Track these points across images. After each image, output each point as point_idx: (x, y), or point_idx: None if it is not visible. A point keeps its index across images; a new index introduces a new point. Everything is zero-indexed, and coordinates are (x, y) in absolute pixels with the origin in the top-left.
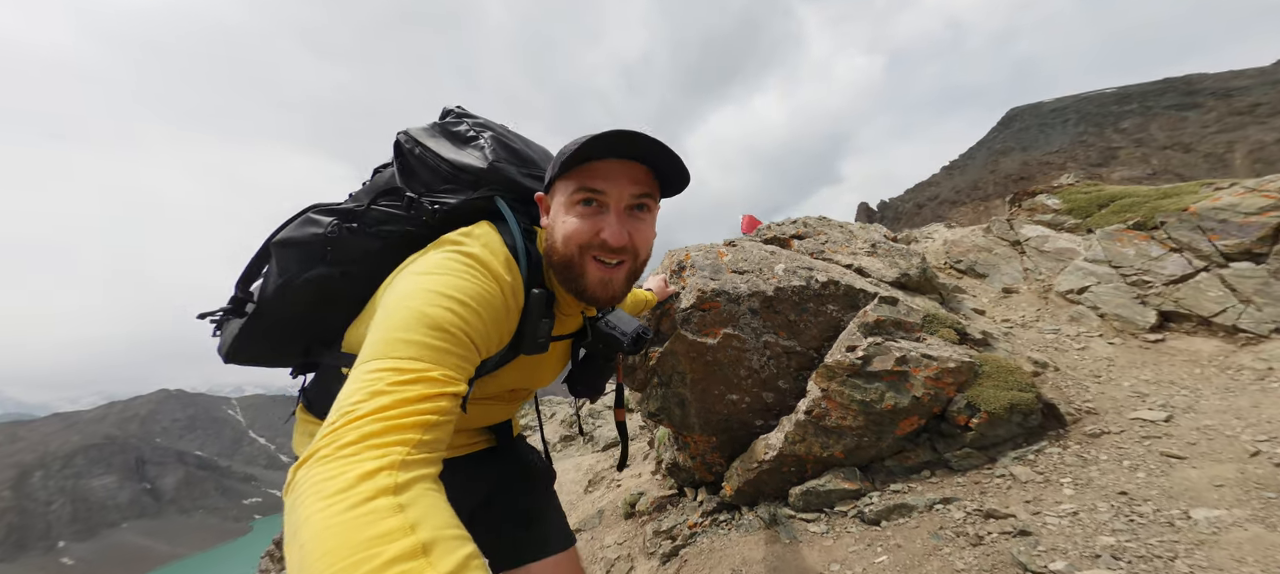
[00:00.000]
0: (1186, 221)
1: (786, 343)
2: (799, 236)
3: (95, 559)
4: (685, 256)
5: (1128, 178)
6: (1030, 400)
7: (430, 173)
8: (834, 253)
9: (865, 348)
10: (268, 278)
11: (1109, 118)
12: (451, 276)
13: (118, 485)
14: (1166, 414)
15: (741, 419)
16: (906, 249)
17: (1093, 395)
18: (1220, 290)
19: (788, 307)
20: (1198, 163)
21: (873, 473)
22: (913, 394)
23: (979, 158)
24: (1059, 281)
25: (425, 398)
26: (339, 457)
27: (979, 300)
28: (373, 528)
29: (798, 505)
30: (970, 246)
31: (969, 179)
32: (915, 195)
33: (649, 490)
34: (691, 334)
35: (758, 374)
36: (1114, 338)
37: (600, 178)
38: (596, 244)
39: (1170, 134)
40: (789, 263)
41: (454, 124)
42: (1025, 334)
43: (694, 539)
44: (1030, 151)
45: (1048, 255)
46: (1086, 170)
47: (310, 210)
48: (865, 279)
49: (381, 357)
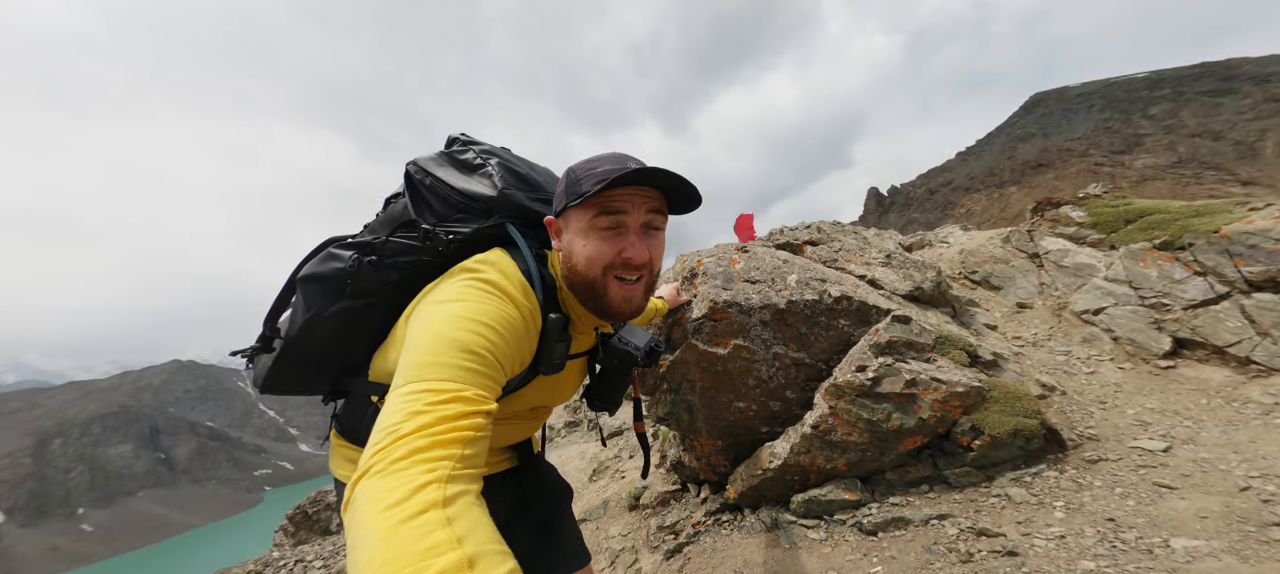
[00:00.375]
0: (1215, 245)
1: (796, 355)
2: (812, 242)
3: (114, 526)
4: (697, 263)
5: (1151, 166)
6: (1034, 426)
7: (441, 202)
8: (847, 262)
9: (876, 369)
10: (295, 312)
11: (1138, 103)
12: (474, 303)
13: (133, 454)
14: (1166, 445)
15: (747, 426)
16: (920, 262)
17: (1096, 421)
18: (1239, 321)
19: (799, 320)
20: (1226, 151)
21: (873, 484)
22: (919, 416)
23: (997, 143)
24: (1075, 301)
25: (463, 415)
26: (391, 472)
27: (992, 315)
28: (424, 540)
29: (799, 512)
30: (986, 257)
31: (984, 165)
32: (927, 181)
33: (653, 484)
34: (702, 344)
35: (766, 384)
36: (1125, 362)
37: (617, 200)
38: (619, 264)
39: (1201, 121)
40: (802, 273)
41: (461, 152)
42: (1036, 354)
43: (697, 538)
44: (1051, 137)
45: (1066, 271)
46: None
47: (330, 245)
48: (878, 291)
49: (416, 380)
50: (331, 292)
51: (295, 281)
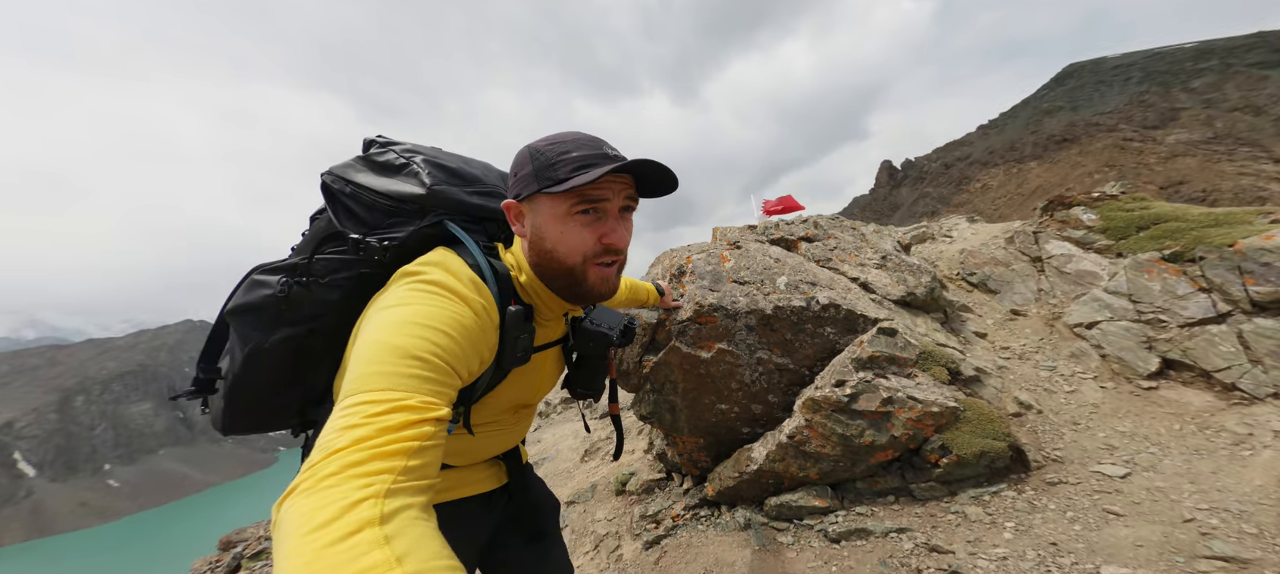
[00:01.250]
0: (1227, 260)
1: (780, 361)
2: (807, 239)
3: (139, 483)
4: (686, 260)
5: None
6: (1000, 449)
7: (367, 209)
8: (841, 262)
9: (854, 384)
10: (233, 350)
11: (1179, 76)
12: (417, 306)
13: (154, 413)
14: (1126, 471)
15: (729, 426)
16: (915, 265)
17: (1065, 443)
18: (1233, 346)
19: (785, 326)
20: (1265, 127)
21: (843, 491)
22: (892, 434)
23: (1021, 116)
24: (1070, 312)
25: (406, 425)
26: (320, 489)
27: (984, 321)
28: (356, 563)
29: (771, 514)
30: (987, 259)
31: (1006, 139)
32: (944, 155)
33: (640, 470)
34: (686, 347)
35: (748, 388)
36: (1108, 381)
37: (600, 189)
38: (599, 250)
39: (1244, 94)
40: (792, 275)
41: (380, 154)
42: (1020, 368)
43: (675, 531)
44: (1079, 111)
45: (1067, 277)
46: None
47: (255, 272)
48: (869, 295)
49: (354, 392)
50: (266, 321)
51: (225, 317)
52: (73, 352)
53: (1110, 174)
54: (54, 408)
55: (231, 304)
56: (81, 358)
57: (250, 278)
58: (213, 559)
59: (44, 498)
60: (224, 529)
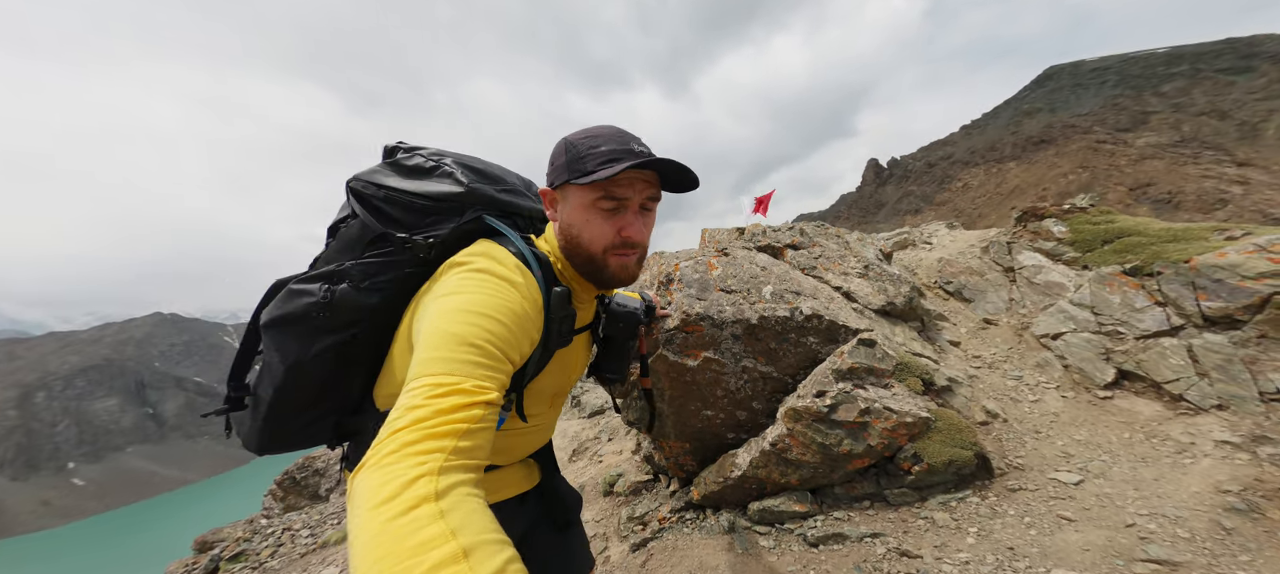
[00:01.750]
0: (1182, 275)
1: (764, 369)
2: (794, 246)
3: (106, 481)
4: (674, 267)
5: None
6: (967, 458)
7: (405, 210)
8: (825, 270)
9: (835, 395)
10: (270, 364)
11: (1151, 79)
12: (470, 294)
13: (120, 409)
14: (1079, 478)
15: (714, 432)
16: (896, 275)
17: (1027, 451)
18: (1183, 359)
19: (770, 336)
20: (1229, 131)
21: (822, 496)
22: (868, 442)
23: (1002, 117)
24: (1037, 323)
25: (459, 408)
26: (382, 466)
27: (957, 330)
28: (416, 535)
29: (754, 518)
30: (963, 268)
31: (987, 139)
32: (928, 154)
33: (627, 472)
34: (673, 355)
35: (733, 395)
36: (1068, 391)
37: (621, 185)
38: (619, 242)
39: (1211, 99)
40: (778, 284)
41: (407, 158)
42: (990, 377)
43: (661, 534)
44: (1057, 113)
45: (1036, 288)
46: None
47: (288, 283)
48: (851, 304)
49: (417, 376)
50: (309, 331)
51: (258, 329)
52: (33, 345)
53: (1084, 176)
54: (13, 404)
55: (268, 316)
56: (42, 352)
57: (286, 288)
58: (189, 562)
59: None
60: (199, 528)
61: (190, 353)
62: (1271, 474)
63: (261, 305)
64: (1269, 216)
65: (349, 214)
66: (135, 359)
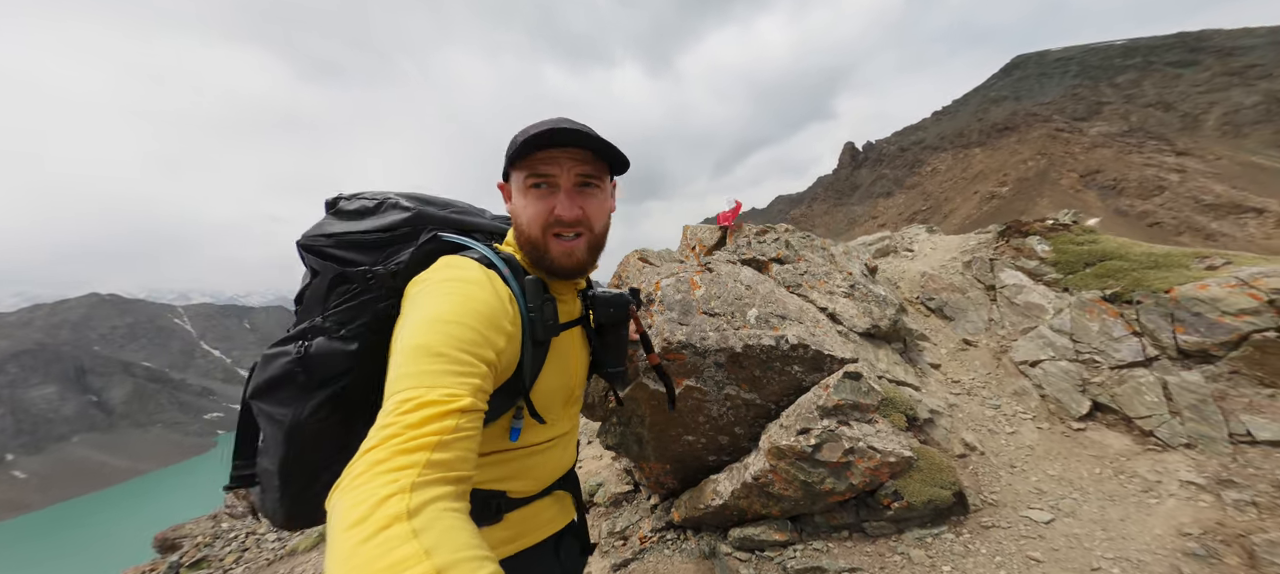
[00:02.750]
0: (1161, 306)
1: (748, 396)
2: (779, 260)
3: (49, 474)
4: (656, 287)
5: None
6: (945, 497)
7: (359, 250)
8: (811, 288)
9: (819, 433)
10: (268, 436)
11: (1108, 71)
12: (429, 305)
13: (59, 397)
14: (1050, 517)
15: (696, 456)
16: (881, 296)
17: (1001, 486)
18: (1157, 397)
19: (754, 364)
20: (1172, 122)
21: (802, 524)
22: (851, 481)
23: (971, 104)
24: (1016, 348)
25: (430, 419)
26: (354, 487)
27: (938, 351)
28: (386, 557)
29: (735, 544)
30: (945, 284)
31: (956, 125)
32: (901, 139)
33: (608, 481)
34: (654, 383)
35: (716, 421)
36: (1044, 422)
37: (545, 162)
38: (553, 221)
39: (1159, 91)
40: (763, 306)
41: (349, 204)
42: (968, 405)
43: (642, 555)
44: (1022, 101)
45: (1017, 308)
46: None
47: (266, 350)
48: (837, 327)
49: (388, 397)
50: (295, 392)
51: (248, 407)
52: None
53: (1042, 162)
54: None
55: (252, 387)
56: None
57: (263, 356)
58: (147, 567)
59: None
60: (156, 523)
61: (135, 336)
62: (1233, 519)
63: (248, 381)
64: (1200, 203)
65: (309, 277)
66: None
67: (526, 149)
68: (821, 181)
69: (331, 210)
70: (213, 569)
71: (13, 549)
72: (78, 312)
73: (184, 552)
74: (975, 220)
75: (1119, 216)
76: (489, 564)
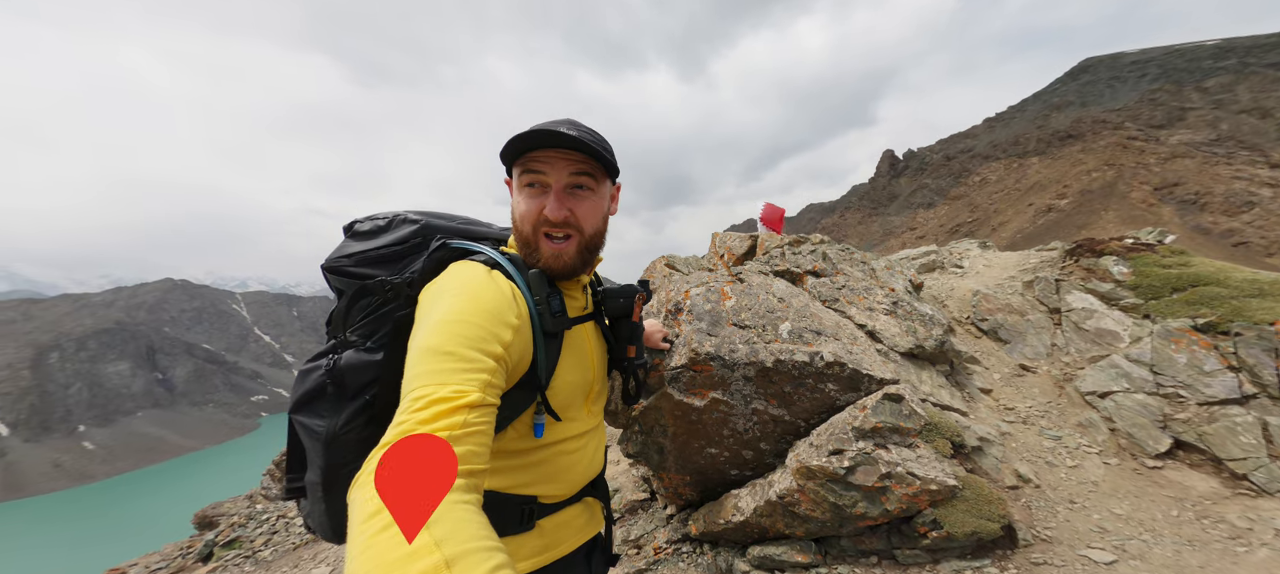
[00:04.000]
0: (1265, 339)
1: (776, 412)
2: (815, 273)
3: (115, 445)
4: (685, 296)
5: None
6: (992, 530)
7: (376, 265)
8: (849, 303)
9: (852, 455)
10: (310, 449)
11: (1195, 73)
12: (437, 309)
13: (131, 373)
14: (1113, 558)
15: (718, 469)
16: (928, 315)
17: (1058, 523)
18: (1254, 438)
19: (785, 379)
20: (1269, 131)
21: (827, 545)
22: (885, 507)
23: (1029, 110)
24: (1083, 378)
25: (439, 416)
26: (370, 482)
27: (990, 376)
28: (398, 549)
29: (753, 562)
30: (1001, 304)
31: (1011, 133)
32: (947, 146)
33: (624, 487)
34: (678, 393)
35: (741, 436)
36: (1112, 457)
37: (539, 162)
38: (543, 221)
39: (1255, 96)
40: (796, 320)
41: (364, 225)
42: (1023, 435)
43: (656, 567)
44: (1089, 107)
45: (1085, 335)
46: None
47: (302, 368)
48: (876, 346)
49: (402, 397)
50: (330, 405)
51: (292, 419)
52: (48, 306)
53: (1109, 173)
54: (27, 364)
55: (292, 402)
56: (57, 313)
57: (299, 372)
58: (185, 545)
59: (18, 459)
60: (201, 498)
61: (200, 319)
62: None
63: (293, 396)
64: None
65: (332, 308)
66: (147, 324)
67: (515, 148)
68: (856, 190)
69: (349, 233)
70: (243, 550)
71: (73, 522)
72: (154, 294)
73: (220, 530)
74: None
75: (1199, 234)
76: (498, 555)
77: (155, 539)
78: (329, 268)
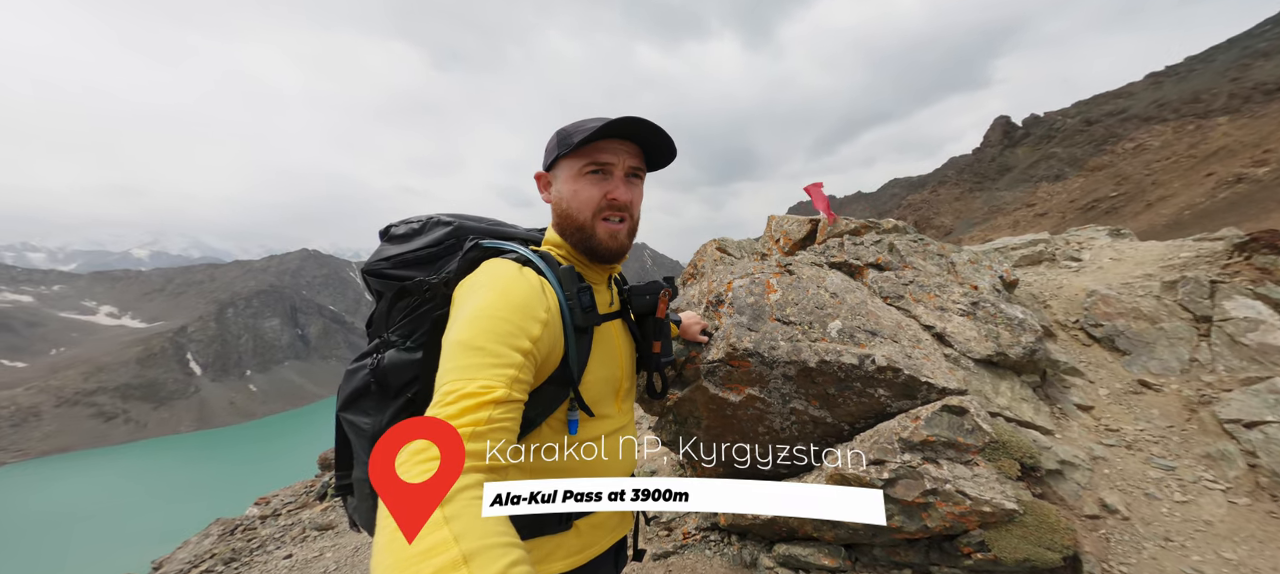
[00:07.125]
0: None
1: (817, 413)
2: (878, 266)
3: (270, 390)
4: (727, 287)
5: None
6: (1052, 559)
7: (413, 267)
8: (916, 301)
9: (895, 467)
10: (356, 447)
11: None
12: (468, 306)
13: (280, 328)
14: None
15: (751, 464)
16: (1018, 319)
17: (1139, 561)
18: None
19: (829, 381)
20: None
21: (858, 552)
22: (924, 523)
23: (1219, 60)
24: (1227, 403)
25: (465, 412)
26: None
27: (1095, 390)
28: (419, 543)
29: (778, 559)
30: (1127, 308)
31: (1188, 88)
32: (1087, 109)
33: (661, 470)
34: (714, 387)
35: (777, 434)
36: (1242, 497)
37: (604, 152)
38: (606, 205)
39: None
40: (848, 319)
41: (399, 229)
42: (1124, 462)
43: (683, 551)
44: None
45: (1242, 351)
46: None
47: (348, 368)
48: (943, 350)
49: (434, 391)
50: (375, 403)
51: (340, 418)
52: (225, 270)
53: None
54: (213, 317)
55: (340, 402)
56: (231, 276)
57: (346, 372)
58: (309, 483)
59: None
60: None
61: (328, 285)
62: None
63: (339, 397)
64: None
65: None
66: (290, 287)
67: (598, 136)
68: (954, 163)
69: (385, 237)
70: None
71: (244, 448)
72: (294, 263)
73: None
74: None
75: None
76: (514, 551)
77: (292, 473)
78: (368, 270)
